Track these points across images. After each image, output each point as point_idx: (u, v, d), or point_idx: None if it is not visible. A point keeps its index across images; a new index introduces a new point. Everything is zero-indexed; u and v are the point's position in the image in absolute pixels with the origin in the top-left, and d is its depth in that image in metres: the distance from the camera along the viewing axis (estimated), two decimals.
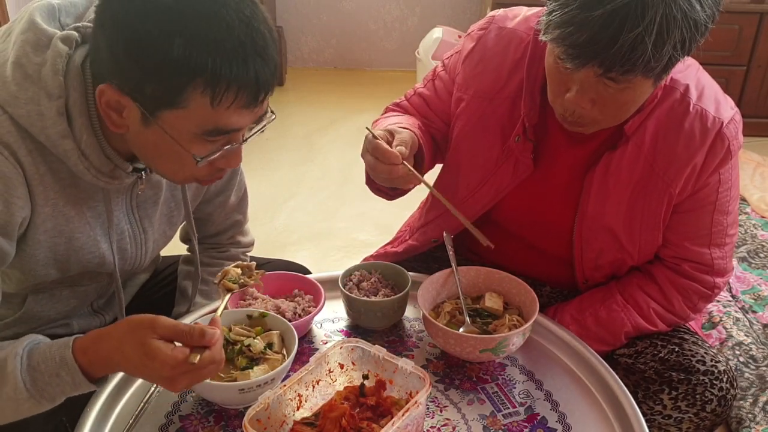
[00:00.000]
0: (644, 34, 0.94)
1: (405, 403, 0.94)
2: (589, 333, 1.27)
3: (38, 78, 0.91)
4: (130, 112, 0.90)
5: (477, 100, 1.29)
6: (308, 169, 3.18)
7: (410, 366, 0.97)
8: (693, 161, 1.18)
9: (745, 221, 2.63)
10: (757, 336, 1.96)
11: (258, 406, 0.91)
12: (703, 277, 1.27)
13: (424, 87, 1.41)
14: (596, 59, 0.99)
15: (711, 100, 1.19)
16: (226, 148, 0.95)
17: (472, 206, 1.33)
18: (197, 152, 0.93)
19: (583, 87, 1.06)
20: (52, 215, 0.99)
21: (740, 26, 3.30)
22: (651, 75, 1.02)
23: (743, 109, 3.53)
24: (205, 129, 0.91)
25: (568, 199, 1.27)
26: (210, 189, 1.27)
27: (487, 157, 1.29)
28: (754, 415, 1.67)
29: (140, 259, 1.18)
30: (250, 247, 1.44)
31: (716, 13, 1.01)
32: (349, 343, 1.02)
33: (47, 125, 0.92)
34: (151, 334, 0.87)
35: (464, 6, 4.23)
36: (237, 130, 0.94)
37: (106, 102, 0.90)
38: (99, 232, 1.07)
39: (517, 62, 1.25)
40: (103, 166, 0.98)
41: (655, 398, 1.24)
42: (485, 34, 1.29)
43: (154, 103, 0.88)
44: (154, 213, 1.15)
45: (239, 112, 0.91)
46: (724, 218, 1.25)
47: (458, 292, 1.21)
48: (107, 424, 1.02)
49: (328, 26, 4.30)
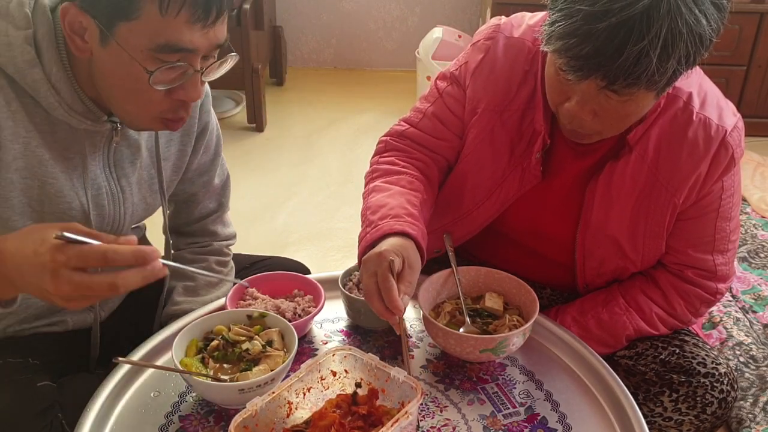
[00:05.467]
0: (649, 48, 0.93)
1: (397, 412, 0.93)
2: (590, 335, 1.26)
3: (6, 13, 0.96)
4: (91, 33, 0.94)
5: (488, 113, 1.26)
6: (308, 169, 3.18)
7: (402, 375, 0.97)
8: (697, 171, 1.17)
9: (745, 221, 2.63)
10: (757, 336, 1.96)
11: (246, 413, 0.89)
12: (706, 283, 1.27)
13: (433, 105, 1.33)
14: (599, 72, 0.97)
15: (714, 108, 1.17)
16: (178, 65, 0.95)
17: (476, 218, 1.32)
18: (150, 68, 0.94)
19: (584, 98, 1.04)
20: (23, 154, 1.01)
21: (740, 26, 3.29)
22: (654, 88, 1.00)
23: (743, 109, 3.55)
24: (156, 43, 0.92)
25: (571, 209, 1.26)
26: (192, 166, 1.28)
27: (494, 169, 1.27)
28: (755, 415, 1.67)
29: (119, 220, 1.17)
30: (233, 240, 1.43)
31: (721, 27, 0.99)
32: (342, 351, 1.02)
33: (15, 54, 0.96)
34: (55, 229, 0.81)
35: (464, 6, 4.23)
36: (190, 51, 0.95)
37: (69, 24, 0.93)
38: (75, 183, 1.08)
39: (526, 74, 1.22)
40: (75, 103, 1.01)
41: (656, 400, 1.24)
42: (493, 45, 1.26)
43: (110, 16, 0.91)
44: (132, 173, 1.16)
45: (190, 28, 0.93)
46: (726, 224, 1.24)
47: (458, 292, 1.20)
48: (107, 424, 1.01)
49: (328, 26, 4.30)
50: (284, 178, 3.09)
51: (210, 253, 1.38)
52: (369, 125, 3.59)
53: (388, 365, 0.99)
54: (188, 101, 1.01)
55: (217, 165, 1.33)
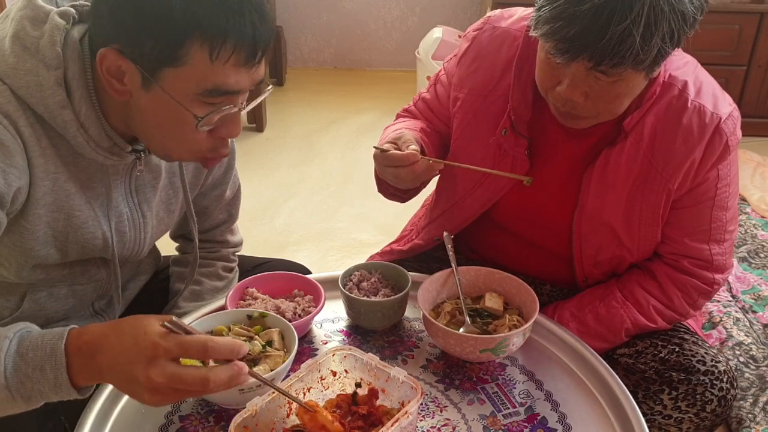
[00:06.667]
0: (632, 27, 0.97)
1: (397, 412, 0.93)
2: (588, 330, 1.27)
3: (36, 50, 0.93)
4: (131, 77, 0.91)
5: (471, 97, 1.31)
6: (308, 169, 3.18)
7: (403, 375, 0.97)
8: (691, 157, 1.18)
9: (745, 221, 2.63)
10: (757, 336, 1.96)
11: (246, 413, 0.89)
12: (703, 273, 1.27)
13: (427, 92, 1.44)
14: (586, 53, 1.01)
15: (709, 96, 1.19)
16: (225, 108, 0.94)
17: (470, 205, 1.34)
18: (198, 113, 0.93)
19: (574, 81, 1.08)
20: (52, 189, 1.00)
21: (740, 26, 3.30)
22: (641, 67, 1.03)
23: (743, 109, 3.52)
24: (204, 88, 0.91)
25: (566, 196, 1.27)
26: (207, 181, 1.27)
27: (483, 155, 1.30)
28: (754, 415, 1.68)
29: (139, 245, 1.17)
30: (239, 247, 1.44)
31: (704, 5, 1.03)
32: (342, 351, 1.02)
33: (46, 95, 0.93)
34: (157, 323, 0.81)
35: (464, 6, 4.23)
36: (236, 93, 0.94)
37: (107, 68, 0.91)
38: (98, 213, 1.07)
39: (510, 60, 1.26)
40: (102, 140, 0.99)
41: (656, 398, 1.24)
42: (480, 34, 1.32)
43: (154, 62, 0.89)
44: (153, 198, 1.16)
45: (237, 71, 0.92)
46: (723, 214, 1.25)
47: (458, 292, 1.21)
48: (107, 424, 1.02)
49: (328, 26, 4.30)
50: (284, 178, 3.09)
51: (218, 258, 1.38)
52: (369, 125, 3.59)
53: (388, 365, 0.99)
54: (230, 138, 1.01)
55: (230, 178, 1.32)
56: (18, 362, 0.82)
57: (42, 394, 0.83)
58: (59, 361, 0.81)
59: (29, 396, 0.83)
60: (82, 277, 1.15)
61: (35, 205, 0.99)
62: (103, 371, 0.82)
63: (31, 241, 1.02)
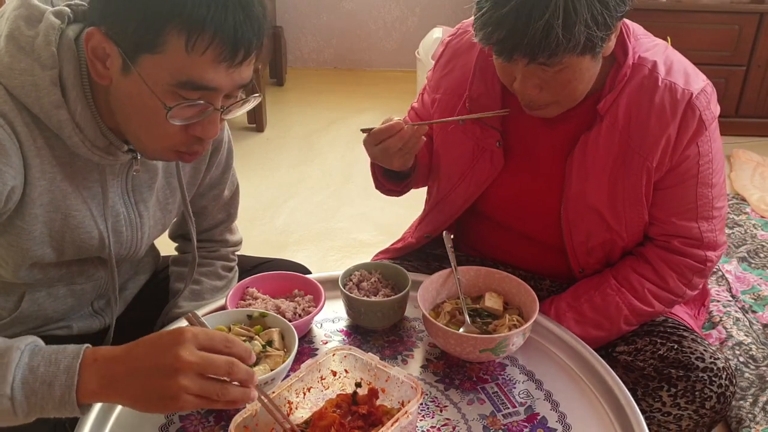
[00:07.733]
0: (552, 19, 1.01)
1: (397, 412, 0.93)
2: (585, 320, 1.28)
3: (31, 50, 0.93)
4: (113, 60, 0.91)
5: (447, 96, 1.36)
6: (308, 169, 3.18)
7: (403, 375, 0.97)
8: (666, 133, 1.20)
9: (745, 221, 2.63)
10: (757, 336, 1.96)
11: (246, 413, 0.89)
12: (694, 251, 1.28)
13: (416, 101, 1.50)
14: (518, 51, 1.05)
15: (680, 74, 1.22)
16: (198, 104, 0.93)
17: (455, 200, 1.38)
18: (168, 104, 0.92)
19: (524, 76, 1.12)
20: (48, 189, 1.00)
21: (740, 26, 3.29)
22: (577, 52, 1.06)
23: (743, 109, 3.56)
24: (178, 79, 0.90)
25: (551, 185, 1.29)
26: (205, 181, 1.27)
27: (462, 149, 1.33)
28: (754, 415, 1.68)
29: (135, 245, 1.17)
30: (239, 246, 1.44)
31: None
32: (342, 351, 1.02)
33: (41, 95, 0.93)
34: None
35: (464, 6, 4.22)
36: (212, 90, 0.93)
37: (92, 48, 0.91)
38: (95, 213, 1.07)
39: (485, 60, 1.29)
40: (98, 139, 0.99)
41: (655, 395, 1.25)
42: (456, 37, 1.39)
43: (134, 46, 0.89)
44: (149, 197, 1.15)
45: (215, 68, 0.90)
46: (708, 191, 1.26)
47: (458, 292, 1.21)
48: (107, 424, 1.02)
49: (328, 26, 4.30)
50: (284, 178, 3.09)
51: (217, 258, 1.38)
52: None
53: (388, 365, 0.99)
54: (205, 138, 0.99)
55: (228, 178, 1.32)
56: (27, 375, 0.82)
57: (43, 410, 0.83)
58: (70, 380, 0.82)
59: (29, 411, 0.83)
60: (80, 276, 1.15)
61: (31, 205, 0.99)
62: (117, 381, 0.82)
63: (28, 241, 1.02)
